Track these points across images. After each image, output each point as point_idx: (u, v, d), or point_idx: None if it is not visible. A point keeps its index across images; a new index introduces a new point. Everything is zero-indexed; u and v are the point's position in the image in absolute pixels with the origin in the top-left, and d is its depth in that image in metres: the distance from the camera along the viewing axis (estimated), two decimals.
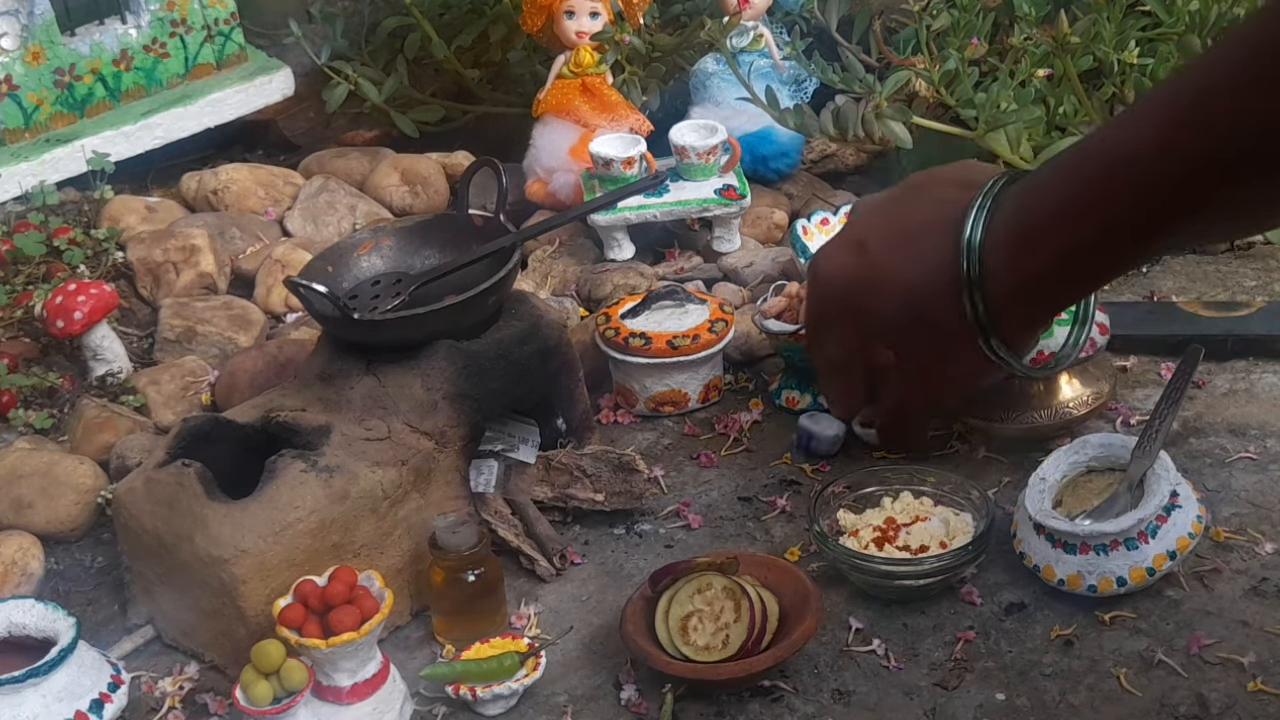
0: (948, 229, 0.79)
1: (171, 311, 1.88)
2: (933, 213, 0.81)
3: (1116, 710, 1.28)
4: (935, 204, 0.81)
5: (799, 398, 1.70)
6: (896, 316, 0.82)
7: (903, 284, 0.81)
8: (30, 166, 2.13)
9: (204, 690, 1.39)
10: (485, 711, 1.33)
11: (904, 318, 0.81)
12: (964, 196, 0.79)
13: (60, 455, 1.64)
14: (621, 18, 2.11)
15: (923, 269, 0.80)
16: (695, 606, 1.33)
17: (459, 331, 1.50)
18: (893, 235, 0.83)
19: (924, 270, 0.80)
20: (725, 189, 1.96)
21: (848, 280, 0.83)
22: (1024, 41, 1.72)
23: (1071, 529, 1.36)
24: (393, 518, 1.43)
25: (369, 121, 2.42)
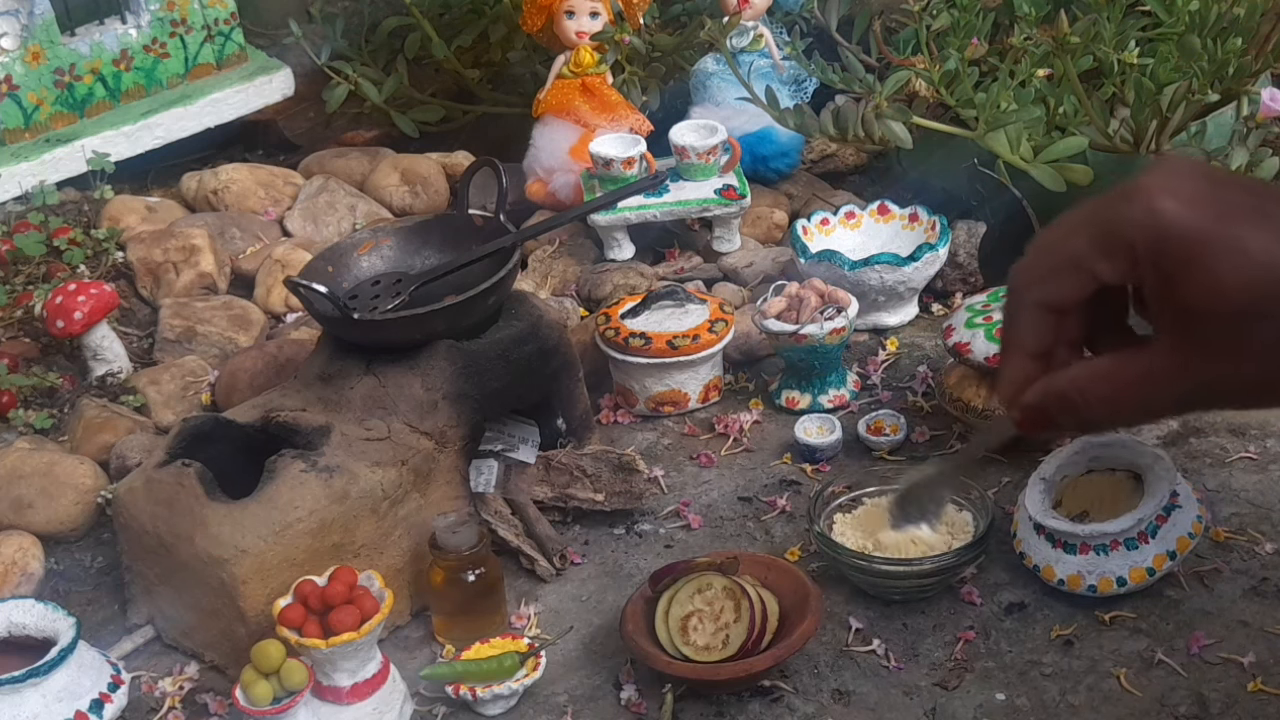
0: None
1: (171, 311, 1.88)
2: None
3: (1116, 710, 1.28)
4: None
5: (799, 398, 1.70)
6: (1231, 291, 0.66)
7: (1256, 258, 0.65)
8: (30, 166, 2.13)
9: (204, 690, 1.39)
10: (485, 711, 1.33)
11: (1239, 296, 0.65)
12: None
13: (60, 455, 1.64)
14: (621, 18, 2.11)
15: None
16: (695, 606, 1.33)
17: (459, 331, 1.50)
18: (1256, 201, 0.67)
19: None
20: (725, 189, 1.96)
21: (1182, 222, 0.66)
22: (1024, 41, 1.72)
23: (1071, 529, 1.36)
24: (393, 518, 1.43)
25: (369, 121, 2.42)
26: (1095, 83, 1.82)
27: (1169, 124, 1.72)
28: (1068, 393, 0.73)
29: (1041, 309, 0.73)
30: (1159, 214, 0.67)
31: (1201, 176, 0.68)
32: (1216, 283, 0.66)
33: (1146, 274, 0.68)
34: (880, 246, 1.86)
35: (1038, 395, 0.74)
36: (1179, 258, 0.67)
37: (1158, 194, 0.67)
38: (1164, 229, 0.67)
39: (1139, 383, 0.71)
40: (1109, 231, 0.69)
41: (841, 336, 1.65)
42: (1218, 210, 0.66)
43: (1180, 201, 0.67)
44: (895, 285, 1.79)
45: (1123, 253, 0.69)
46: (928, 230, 1.86)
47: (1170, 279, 0.67)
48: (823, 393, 1.69)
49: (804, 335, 1.64)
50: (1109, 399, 0.72)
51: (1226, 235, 0.66)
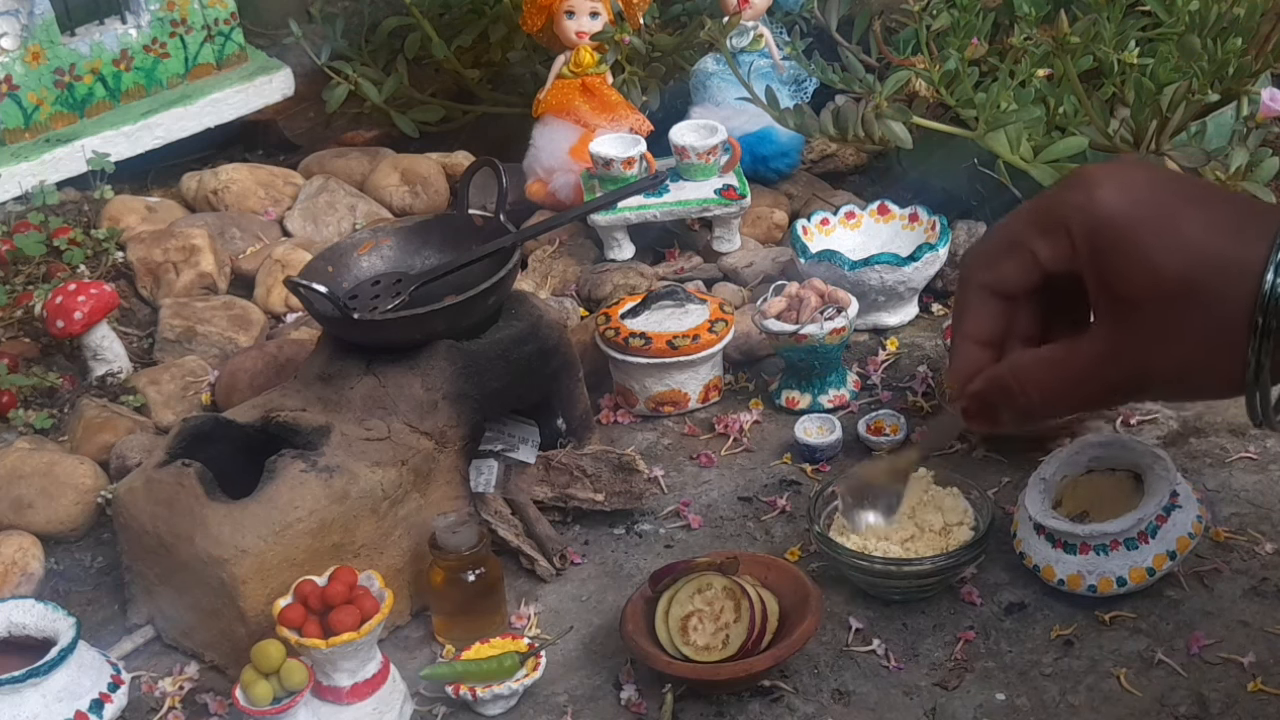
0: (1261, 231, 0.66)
1: (171, 311, 1.88)
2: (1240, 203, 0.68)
3: (1116, 710, 1.28)
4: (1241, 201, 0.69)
5: (799, 398, 1.70)
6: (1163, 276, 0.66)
7: (1190, 246, 0.66)
8: (30, 166, 2.13)
9: (204, 690, 1.39)
10: (485, 711, 1.33)
11: (1170, 282, 0.66)
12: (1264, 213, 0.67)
13: (60, 455, 1.64)
14: (621, 18, 2.11)
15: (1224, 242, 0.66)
16: (695, 606, 1.33)
17: (459, 331, 1.50)
18: (1194, 194, 0.68)
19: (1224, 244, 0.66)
20: (725, 189, 1.96)
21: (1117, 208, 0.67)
22: (1024, 41, 1.72)
23: (1071, 529, 1.36)
24: (393, 518, 1.43)
25: (369, 121, 2.42)
26: (1095, 83, 1.82)
27: (1169, 124, 1.72)
28: (1006, 379, 0.74)
29: (987, 293, 0.74)
30: (1096, 200, 0.68)
31: (1143, 169, 0.69)
32: (1150, 266, 0.67)
33: (1084, 259, 0.69)
34: (880, 246, 1.86)
35: (980, 383, 0.75)
36: (1113, 243, 0.68)
37: (1098, 181, 0.69)
38: (1100, 213, 0.68)
39: (1075, 370, 0.72)
40: (1048, 214, 0.70)
41: (841, 336, 1.65)
42: (1153, 197, 0.67)
43: (1118, 188, 0.68)
44: (895, 285, 1.79)
45: (1061, 236, 0.70)
46: (928, 230, 1.86)
47: (1105, 263, 0.68)
48: (823, 393, 1.69)
49: (804, 335, 1.64)
50: (1045, 385, 0.73)
51: (1160, 219, 0.67)
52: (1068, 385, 0.72)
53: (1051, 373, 0.72)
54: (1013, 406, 0.74)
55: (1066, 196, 0.70)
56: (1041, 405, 0.74)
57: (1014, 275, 0.73)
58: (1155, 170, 0.70)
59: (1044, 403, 0.74)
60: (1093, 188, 0.69)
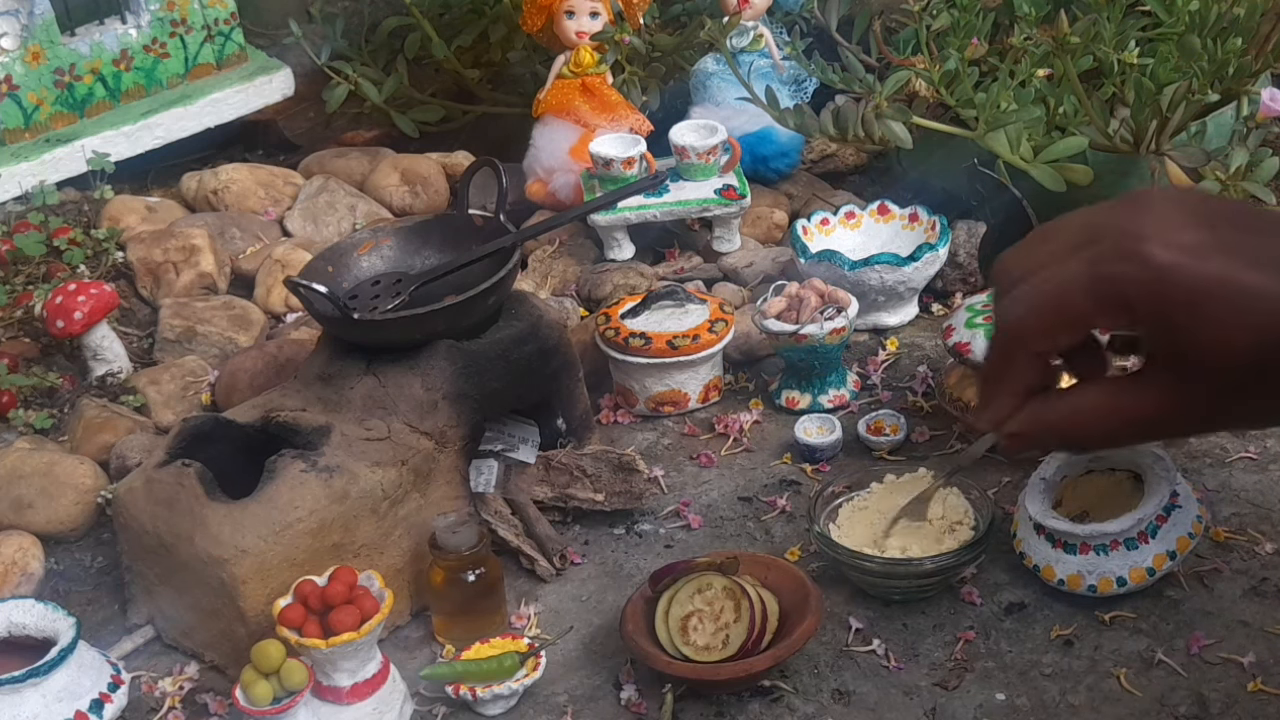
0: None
1: (171, 311, 1.88)
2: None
3: (1116, 710, 1.28)
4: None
5: (799, 398, 1.70)
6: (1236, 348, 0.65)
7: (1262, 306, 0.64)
8: (30, 166, 2.13)
9: (204, 690, 1.39)
10: (485, 711, 1.33)
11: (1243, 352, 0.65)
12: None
13: (60, 455, 1.64)
14: (621, 18, 2.11)
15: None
16: (695, 606, 1.33)
17: (459, 331, 1.50)
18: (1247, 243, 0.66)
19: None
20: (725, 189, 1.96)
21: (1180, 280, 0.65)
22: (1024, 41, 1.72)
23: (1071, 529, 1.36)
24: (393, 518, 1.43)
25: (369, 121, 2.42)
26: (1095, 83, 1.82)
27: (1169, 124, 1.72)
28: (1060, 425, 0.73)
29: (1037, 359, 0.73)
30: (1158, 270, 0.66)
31: (1191, 215, 0.67)
32: (1224, 336, 0.65)
33: (1148, 326, 0.68)
34: (880, 246, 1.86)
35: (1028, 425, 0.74)
36: (1182, 313, 0.66)
37: (1155, 246, 0.66)
38: (1164, 285, 0.66)
39: (1135, 418, 0.71)
40: (1108, 290, 0.68)
41: (841, 336, 1.65)
42: (1215, 256, 0.65)
43: (1178, 252, 0.66)
44: (895, 285, 1.79)
45: (1123, 311, 0.68)
46: (928, 230, 1.86)
47: (1175, 333, 0.67)
48: (823, 393, 1.69)
49: (804, 335, 1.64)
50: (1103, 432, 0.72)
51: (1229, 285, 0.65)
52: (1123, 431, 0.72)
53: (1108, 420, 0.72)
54: (1064, 447, 0.75)
55: (1122, 269, 0.67)
56: (1098, 444, 0.74)
57: (1066, 343, 0.72)
58: (1200, 210, 0.68)
59: (1101, 443, 0.74)
60: (1147, 257, 0.66)
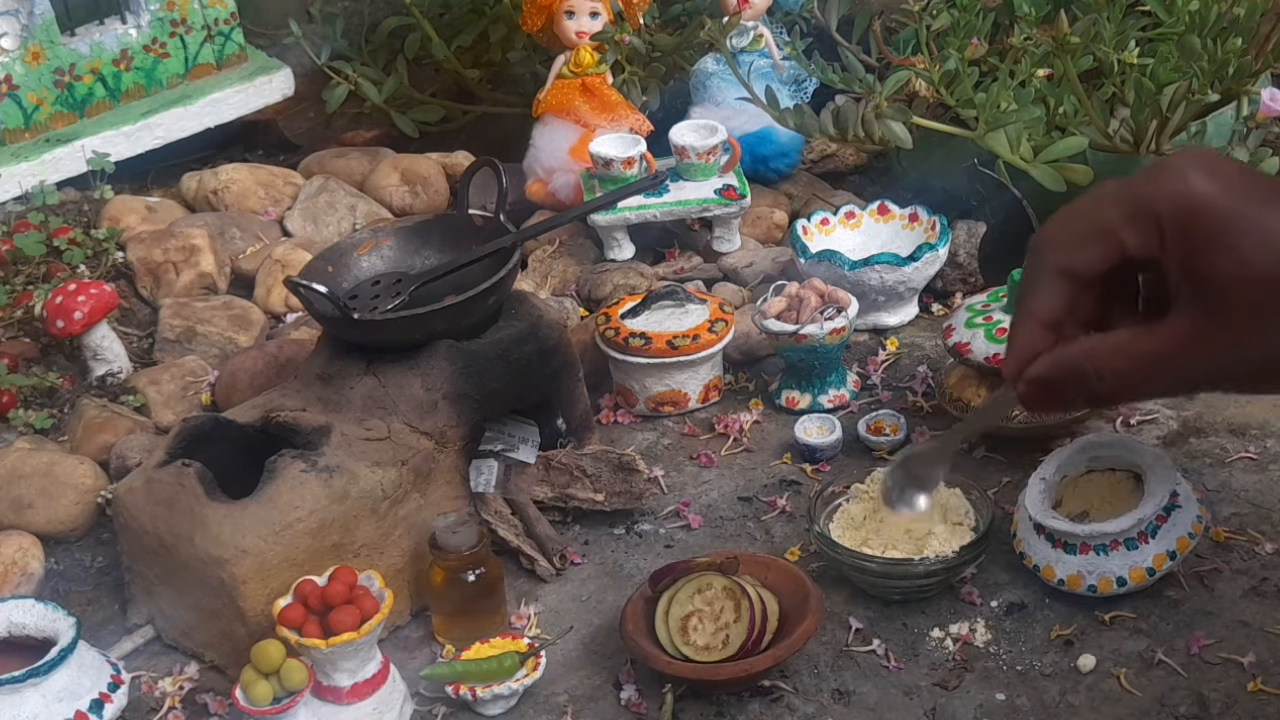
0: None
1: (171, 311, 1.88)
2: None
3: (1116, 710, 1.28)
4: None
5: (799, 398, 1.70)
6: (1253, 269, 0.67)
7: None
8: (30, 166, 2.13)
9: (204, 690, 1.39)
10: (485, 711, 1.33)
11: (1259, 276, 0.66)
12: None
13: (60, 455, 1.64)
14: (621, 18, 2.11)
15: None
16: (695, 606, 1.33)
17: (459, 331, 1.50)
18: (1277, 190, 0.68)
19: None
20: (725, 189, 1.96)
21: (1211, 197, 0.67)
22: (1024, 41, 1.72)
23: (1071, 529, 1.36)
24: (393, 518, 1.43)
25: (369, 121, 2.42)
26: (1095, 83, 1.82)
27: (1169, 124, 1.72)
28: (1080, 363, 0.73)
29: (1062, 276, 0.73)
30: (1191, 188, 0.68)
31: (1231, 162, 0.70)
32: (1242, 258, 0.67)
33: (1172, 247, 0.69)
34: (880, 246, 1.86)
35: (1047, 367, 0.74)
36: (1207, 232, 0.68)
37: (1191, 171, 0.69)
38: (1194, 203, 0.68)
39: (1154, 357, 0.71)
40: (1140, 203, 0.70)
41: (841, 336, 1.65)
42: (1246, 191, 0.68)
43: (1212, 179, 0.68)
44: (895, 285, 1.79)
45: (1151, 224, 0.70)
46: (928, 230, 1.86)
47: (1196, 253, 0.68)
48: (823, 393, 1.69)
49: (804, 335, 1.64)
50: (1122, 372, 0.72)
51: (1254, 214, 0.67)
52: (1147, 371, 0.72)
53: (1130, 358, 0.72)
54: (1085, 391, 0.74)
55: (1158, 183, 0.70)
56: (1115, 390, 0.74)
57: (1095, 261, 0.72)
58: (1240, 164, 0.71)
59: (1119, 388, 0.73)
60: (1185, 175, 0.69)
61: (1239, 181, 0.69)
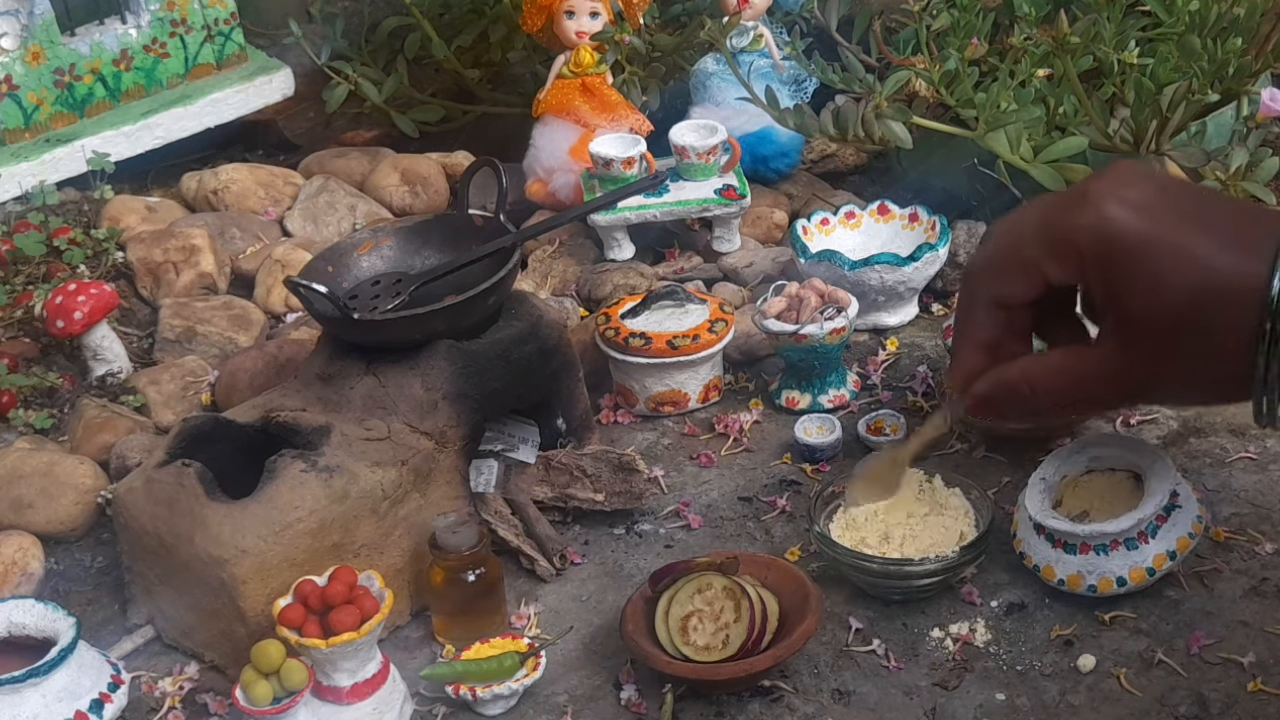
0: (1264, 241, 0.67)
1: (171, 311, 1.88)
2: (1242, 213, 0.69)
3: (1116, 710, 1.28)
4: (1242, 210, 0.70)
5: (799, 398, 1.70)
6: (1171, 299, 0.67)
7: (1199, 264, 0.67)
8: (30, 166, 2.13)
9: (204, 690, 1.39)
10: (485, 711, 1.33)
11: (1178, 304, 0.67)
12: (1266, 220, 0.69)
13: (60, 455, 1.64)
14: (621, 18, 2.11)
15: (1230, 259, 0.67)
16: (695, 606, 1.33)
17: (459, 331, 1.50)
18: (1197, 209, 0.69)
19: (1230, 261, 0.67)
20: (725, 189, 1.96)
21: (1126, 229, 0.68)
22: (1024, 41, 1.72)
23: (1071, 529, 1.36)
24: (393, 518, 1.43)
25: (369, 121, 2.42)
26: (1095, 83, 1.82)
27: (1169, 124, 1.72)
28: (1017, 385, 0.78)
29: (994, 305, 0.78)
30: (1107, 220, 0.69)
31: (1149, 182, 0.70)
32: (1159, 286, 0.69)
33: (1093, 278, 0.71)
34: (880, 246, 1.86)
35: (988, 386, 0.79)
36: (1124, 263, 0.69)
37: (1106, 200, 0.70)
38: (1110, 235, 0.69)
39: (1084, 380, 0.75)
40: (1059, 236, 0.72)
41: (841, 336, 1.65)
42: (1164, 216, 0.69)
43: (1127, 208, 0.69)
44: (895, 285, 1.79)
45: (1071, 257, 0.72)
46: (928, 230, 1.86)
47: (1115, 283, 0.70)
48: (823, 393, 1.69)
49: (804, 335, 1.64)
50: (1054, 392, 0.77)
51: (1170, 240, 0.68)
52: (1075, 392, 0.76)
53: (1060, 380, 0.76)
54: (1020, 408, 0.79)
55: (1074, 217, 0.71)
56: (1049, 408, 0.78)
57: (1021, 291, 0.76)
58: (1157, 182, 0.71)
59: (1052, 406, 0.78)
60: (1100, 206, 0.70)
61: (1157, 205, 0.69)
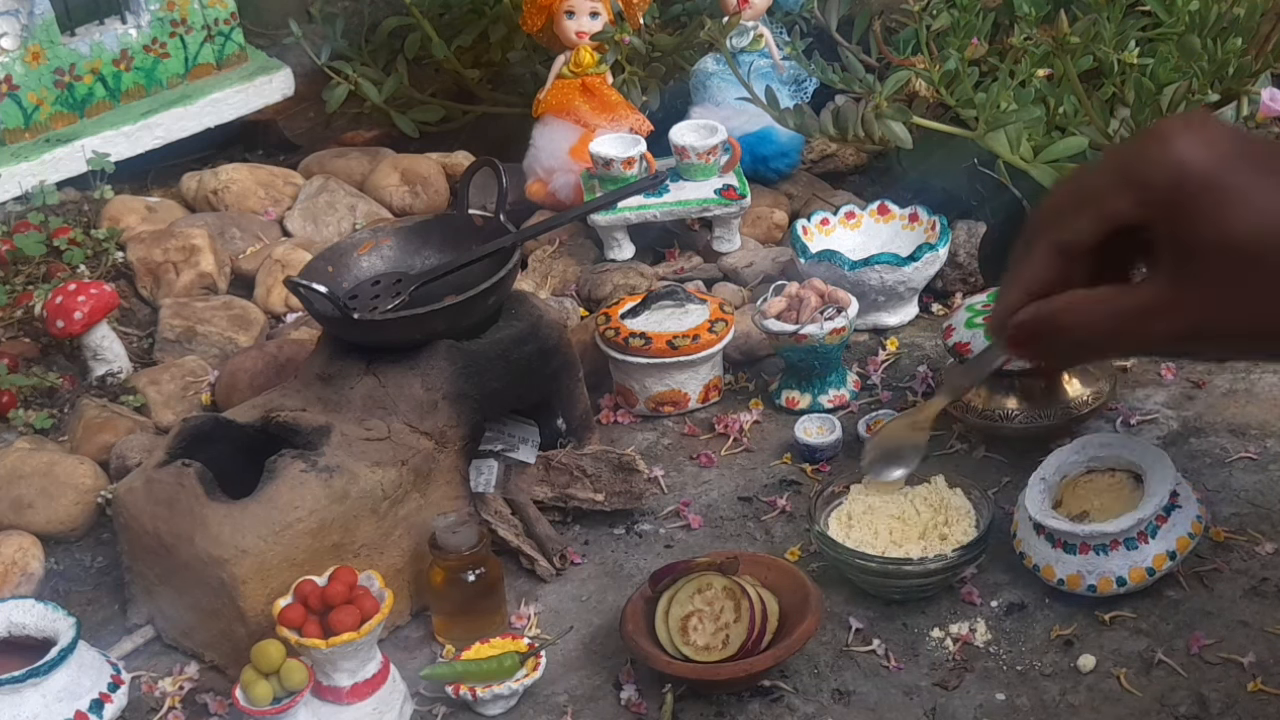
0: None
1: (171, 311, 1.88)
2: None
3: (1116, 710, 1.28)
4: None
5: (799, 398, 1.70)
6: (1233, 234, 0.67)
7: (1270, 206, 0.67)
8: (30, 166, 2.13)
9: (204, 690, 1.39)
10: (485, 711, 1.33)
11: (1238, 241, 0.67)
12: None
13: (60, 455, 1.64)
14: (621, 18, 2.11)
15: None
16: (695, 606, 1.33)
17: (459, 331, 1.50)
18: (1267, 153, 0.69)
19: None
20: (725, 189, 1.96)
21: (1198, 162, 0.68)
22: (1024, 41, 1.72)
23: (1071, 529, 1.36)
24: (393, 518, 1.43)
25: (369, 121, 2.42)
26: (1095, 83, 1.82)
27: None
28: (1061, 314, 0.74)
29: (1056, 249, 0.75)
30: (1177, 153, 0.69)
31: (1222, 127, 0.70)
32: (1223, 225, 0.68)
33: (1158, 211, 0.70)
34: (880, 246, 1.86)
35: (1031, 314, 0.75)
36: (1192, 199, 0.68)
37: (1178, 136, 0.69)
38: (1180, 168, 0.69)
39: (1132, 314, 0.72)
40: (1128, 168, 0.71)
41: (841, 336, 1.65)
42: (1232, 157, 0.68)
43: (1198, 145, 0.69)
44: (895, 285, 1.79)
45: (1139, 189, 0.71)
46: (928, 230, 1.86)
47: (1179, 217, 0.69)
48: (823, 393, 1.69)
49: (804, 335, 1.64)
50: (1100, 326, 0.73)
51: (1240, 183, 0.68)
52: (1119, 326, 0.73)
53: (1104, 312, 0.73)
54: (1060, 340, 0.75)
55: (1147, 149, 0.71)
56: (1089, 343, 0.75)
57: (1086, 231, 0.73)
58: (1231, 128, 0.71)
59: (1092, 340, 0.74)
60: (1173, 140, 0.70)
61: (1228, 148, 0.69)
